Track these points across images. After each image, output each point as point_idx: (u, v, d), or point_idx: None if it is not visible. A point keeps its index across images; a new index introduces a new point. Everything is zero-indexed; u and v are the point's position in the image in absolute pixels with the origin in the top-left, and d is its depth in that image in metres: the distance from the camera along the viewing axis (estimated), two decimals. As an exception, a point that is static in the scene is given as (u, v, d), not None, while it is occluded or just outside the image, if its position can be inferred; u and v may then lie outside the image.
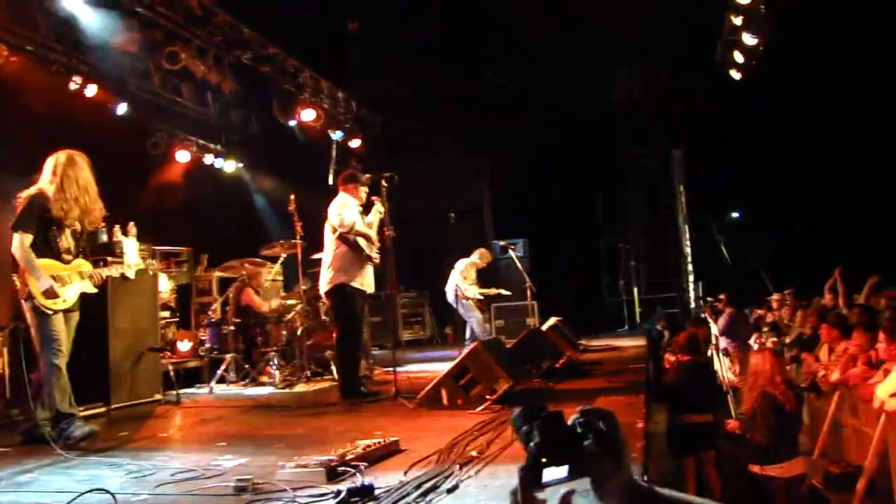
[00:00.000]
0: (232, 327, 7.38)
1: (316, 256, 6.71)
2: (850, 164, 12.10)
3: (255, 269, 7.88)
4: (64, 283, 4.20)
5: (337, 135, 10.42)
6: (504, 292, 9.47)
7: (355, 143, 11.24)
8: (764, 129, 12.97)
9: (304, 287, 7.10)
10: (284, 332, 7.48)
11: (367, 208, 5.76)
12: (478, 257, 8.97)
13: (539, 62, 11.19)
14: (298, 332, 7.23)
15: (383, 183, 5.67)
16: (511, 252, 9.86)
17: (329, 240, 5.68)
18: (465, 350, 5.09)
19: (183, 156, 10.01)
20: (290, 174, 10.18)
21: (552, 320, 7.39)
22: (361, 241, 5.57)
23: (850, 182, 12.22)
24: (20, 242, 4.10)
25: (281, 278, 8.41)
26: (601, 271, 14.25)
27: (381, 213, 5.71)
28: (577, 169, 12.68)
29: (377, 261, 5.65)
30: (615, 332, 11.04)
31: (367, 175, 5.77)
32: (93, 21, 6.98)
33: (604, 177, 13.70)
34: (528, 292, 9.47)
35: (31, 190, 4.17)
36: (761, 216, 14.58)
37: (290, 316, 7.48)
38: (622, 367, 6.28)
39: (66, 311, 4.23)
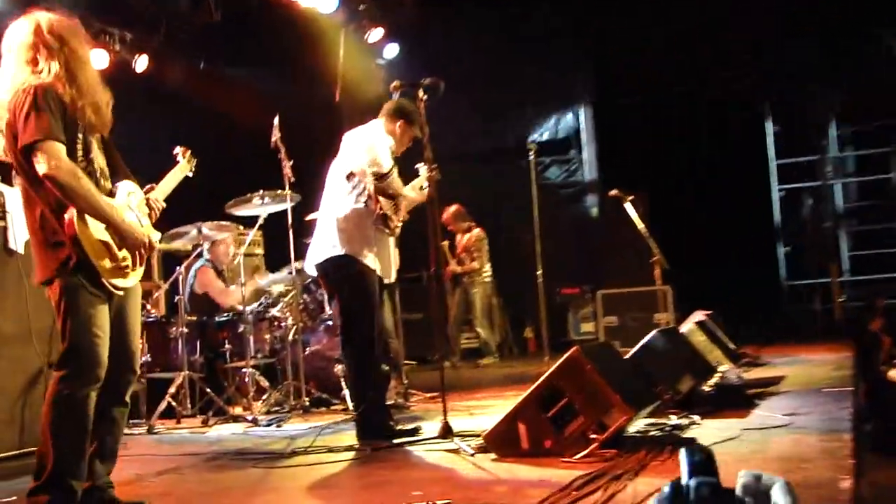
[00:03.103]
0: (184, 329, 7.32)
1: (313, 216, 6.82)
2: None
3: (218, 237, 8.02)
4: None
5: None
6: None
7: (375, 35, 11.57)
8: None
9: (297, 265, 7.25)
10: (268, 337, 7.70)
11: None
12: None
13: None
14: (290, 336, 7.53)
15: (420, 95, 5.71)
16: (628, 208, 9.53)
17: (337, 191, 5.86)
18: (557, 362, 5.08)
19: (98, 58, 9.80)
20: (272, 84, 10.49)
21: (697, 316, 7.41)
22: (385, 204, 5.80)
23: None
24: (55, 155, 3.69)
25: (260, 251, 8.79)
26: (774, 237, 14.49)
27: (424, 188, 6.13)
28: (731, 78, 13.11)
29: (397, 230, 6.00)
30: (798, 336, 11.25)
31: (396, 84, 5.82)
32: None
33: (778, 78, 13.73)
34: (657, 271, 9.48)
35: (22, 82, 3.82)
36: None
37: (276, 311, 7.73)
38: (809, 389, 6.45)
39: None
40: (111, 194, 4.04)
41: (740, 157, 13.47)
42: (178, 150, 5.06)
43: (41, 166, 3.67)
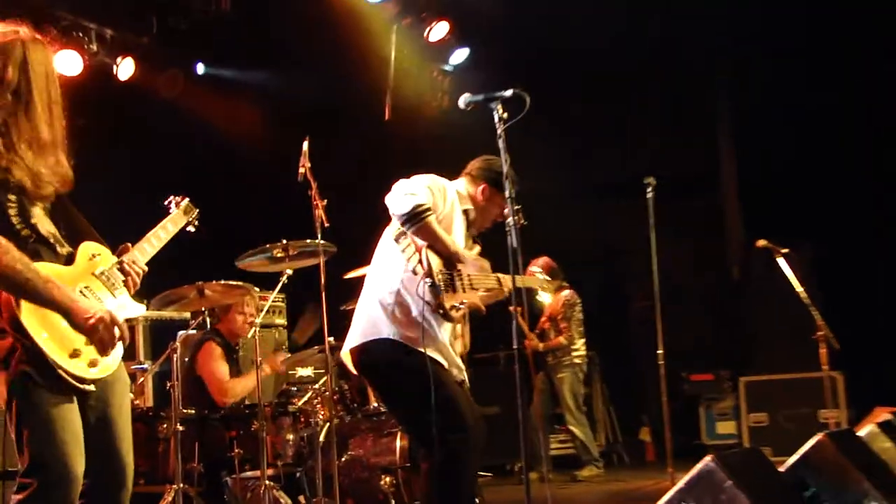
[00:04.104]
0: (178, 428, 7.26)
1: (353, 275, 7.03)
2: None
3: (227, 300, 7.99)
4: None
5: None
6: None
7: (438, 32, 11.70)
8: None
9: (332, 341, 7.21)
10: (291, 438, 7.63)
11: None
12: None
13: None
14: (321, 437, 7.53)
15: (498, 111, 5.62)
16: (781, 264, 9.42)
17: (386, 254, 5.94)
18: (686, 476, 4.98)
19: (68, 62, 9.97)
20: (298, 98, 10.69)
21: (879, 415, 7.15)
22: (433, 261, 5.71)
23: None
24: None
25: (283, 321, 8.79)
26: None
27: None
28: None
29: (454, 313, 5.80)
30: None
31: (467, 99, 5.73)
32: None
33: None
34: (822, 352, 9.28)
35: None
36: None
37: (302, 402, 7.74)
38: None
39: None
40: (70, 261, 4.11)
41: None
42: (171, 199, 5.12)
43: None
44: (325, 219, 7.13)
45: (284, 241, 7.51)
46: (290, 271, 7.86)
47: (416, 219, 5.55)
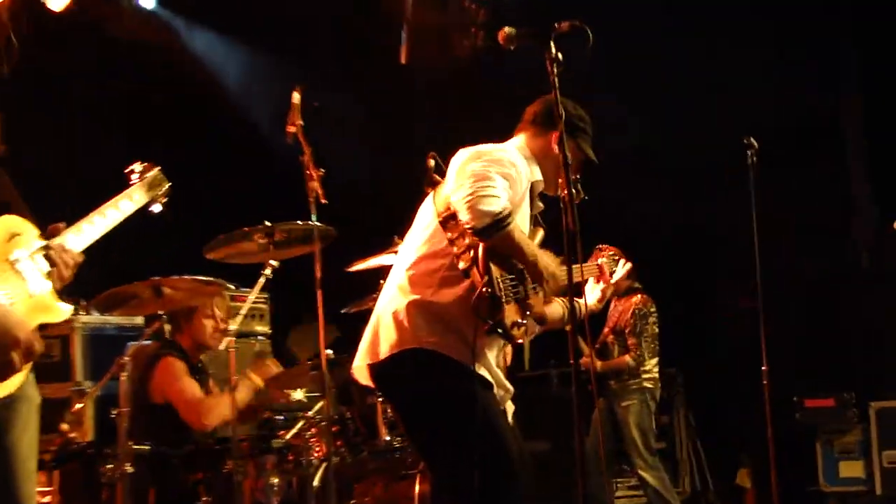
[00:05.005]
0: (127, 469, 7.25)
1: (359, 268, 7.20)
2: None
3: (193, 302, 8.08)
4: None
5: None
6: None
7: None
8: None
9: (330, 354, 7.33)
10: (276, 482, 7.68)
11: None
12: None
13: None
14: (316, 480, 7.59)
15: (552, 50, 5.57)
16: None
17: (425, 238, 5.95)
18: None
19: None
20: (287, 36, 10.31)
21: None
22: (498, 276, 5.70)
23: None
24: None
25: (265, 328, 8.79)
26: None
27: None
28: None
29: (519, 333, 5.86)
30: None
31: (508, 32, 5.73)
32: None
33: None
34: None
35: None
36: None
37: (290, 434, 7.91)
38: None
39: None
40: None
41: None
42: (136, 166, 5.10)
43: None
44: (321, 194, 7.09)
45: (268, 224, 7.55)
46: (275, 263, 7.90)
47: (494, 230, 5.48)
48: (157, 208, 4.88)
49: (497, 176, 5.59)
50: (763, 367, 9.11)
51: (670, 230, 13.16)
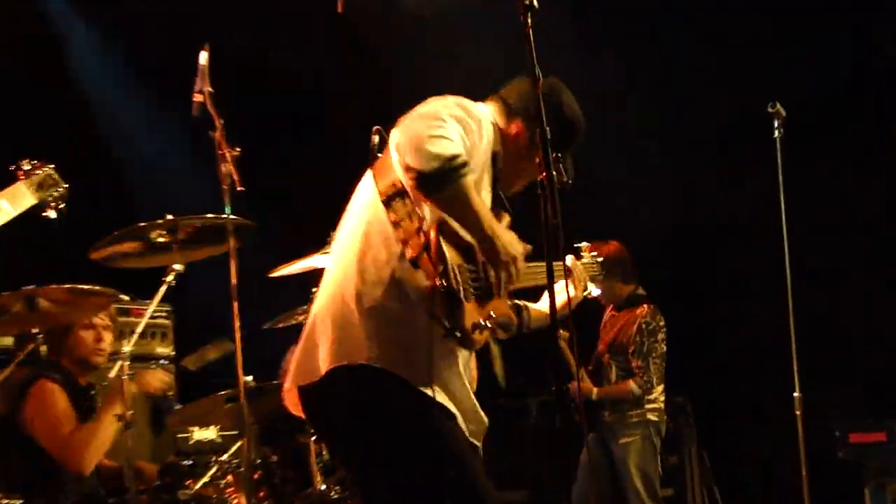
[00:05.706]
0: None
1: (285, 272, 7.32)
2: None
3: (75, 315, 8.03)
4: None
5: None
6: None
7: None
8: None
9: (250, 381, 7.41)
10: None
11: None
12: None
13: None
14: None
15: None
16: None
17: (364, 227, 5.94)
18: None
19: None
20: None
21: None
22: (448, 250, 5.69)
23: None
24: None
25: (168, 350, 9.04)
26: None
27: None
28: None
29: (476, 338, 5.86)
30: None
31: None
32: None
33: None
34: None
35: None
36: None
37: (201, 483, 8.03)
38: None
39: None
40: None
41: None
42: (23, 164, 5.07)
43: None
44: (236, 179, 6.98)
45: (170, 217, 7.57)
46: (179, 267, 7.88)
47: (446, 180, 5.40)
48: (51, 214, 4.82)
49: (450, 118, 5.55)
50: (795, 394, 9.06)
51: (670, 231, 13.17)
